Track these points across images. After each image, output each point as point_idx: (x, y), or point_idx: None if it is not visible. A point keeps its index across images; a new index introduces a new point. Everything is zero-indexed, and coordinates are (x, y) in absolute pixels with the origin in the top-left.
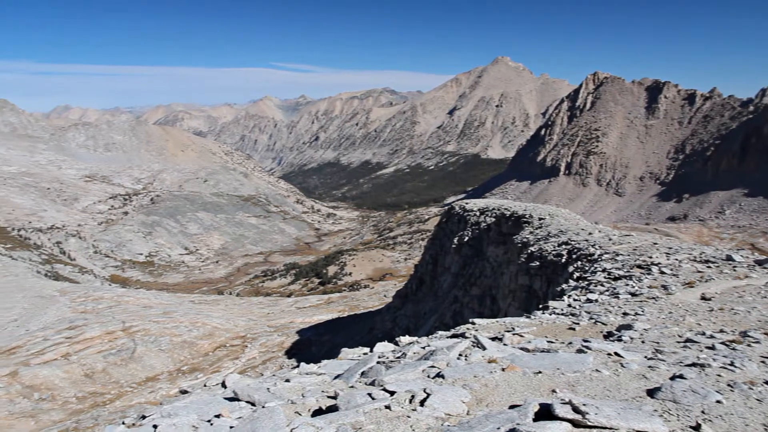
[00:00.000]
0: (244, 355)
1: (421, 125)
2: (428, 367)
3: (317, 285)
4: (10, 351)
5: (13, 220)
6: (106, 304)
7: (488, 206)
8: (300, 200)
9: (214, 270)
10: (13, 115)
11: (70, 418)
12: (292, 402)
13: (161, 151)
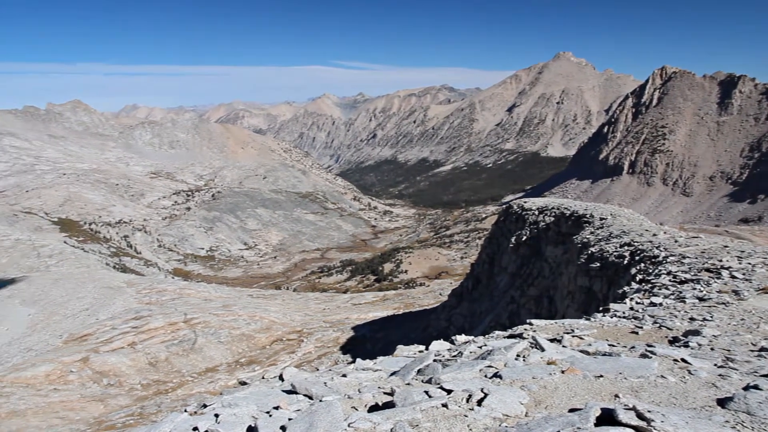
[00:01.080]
0: (300, 349)
1: (480, 123)
2: (485, 367)
3: (373, 282)
4: (82, 338)
5: (85, 214)
6: (169, 296)
7: (547, 205)
8: (357, 197)
9: (272, 265)
10: (86, 115)
11: (135, 404)
12: (349, 397)
13: (222, 149)
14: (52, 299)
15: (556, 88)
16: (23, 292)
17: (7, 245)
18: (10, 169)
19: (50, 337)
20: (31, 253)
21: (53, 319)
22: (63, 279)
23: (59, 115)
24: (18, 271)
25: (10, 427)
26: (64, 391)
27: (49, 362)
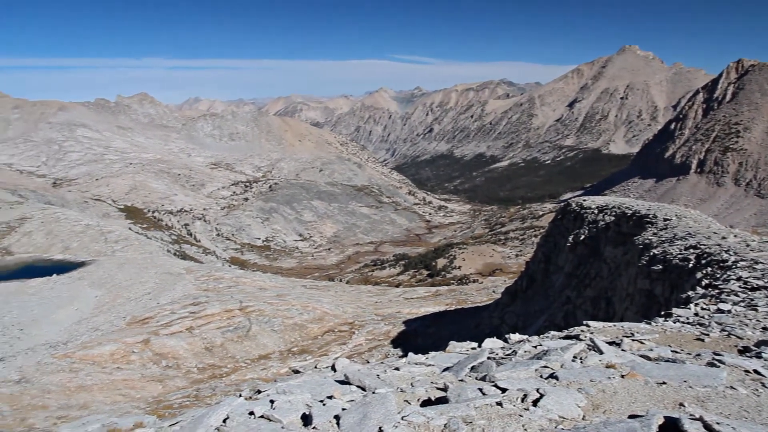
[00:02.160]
0: (351, 341)
1: (539, 118)
2: (541, 367)
3: (425, 277)
4: (143, 321)
5: (149, 202)
6: (225, 284)
7: (608, 204)
8: (412, 192)
9: (326, 257)
10: (152, 107)
11: (191, 386)
12: (402, 390)
13: (280, 141)
14: (117, 282)
15: (621, 83)
16: (92, 275)
17: (78, 230)
18: (82, 158)
19: (115, 318)
20: (100, 238)
21: (118, 302)
22: (127, 264)
23: (127, 107)
24: (87, 255)
25: (78, 400)
26: (126, 370)
27: (114, 342)
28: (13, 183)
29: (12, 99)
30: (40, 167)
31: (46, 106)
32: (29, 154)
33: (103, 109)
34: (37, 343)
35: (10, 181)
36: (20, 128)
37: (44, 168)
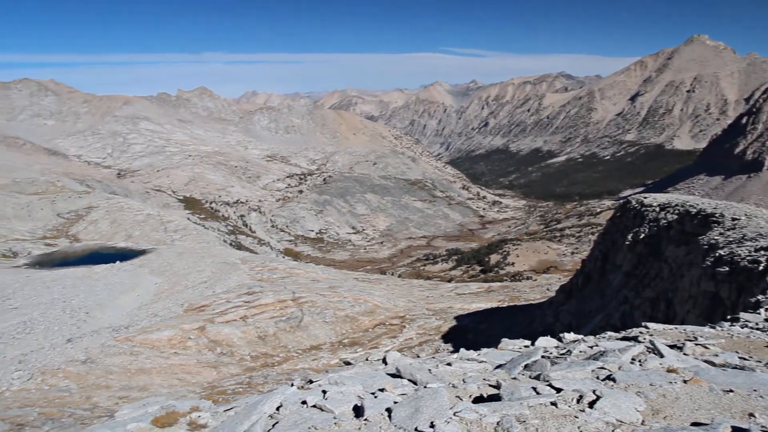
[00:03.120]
0: (402, 335)
1: (599, 112)
2: (598, 368)
3: (478, 272)
4: (199, 308)
5: (206, 193)
6: (279, 274)
7: (670, 202)
8: (466, 186)
9: (378, 250)
10: (211, 101)
11: (244, 374)
12: (453, 386)
13: (335, 134)
14: (175, 271)
15: (688, 75)
16: (152, 263)
17: (140, 219)
18: (144, 150)
19: (173, 305)
20: (160, 227)
21: (176, 289)
22: (185, 253)
23: (187, 101)
24: (148, 244)
25: (138, 382)
26: (183, 356)
27: (172, 328)
28: (82, 173)
29: (82, 94)
30: (106, 159)
31: (112, 100)
32: (96, 146)
33: (164, 102)
34: (102, 326)
35: (78, 171)
36: (88, 121)
37: (110, 159)
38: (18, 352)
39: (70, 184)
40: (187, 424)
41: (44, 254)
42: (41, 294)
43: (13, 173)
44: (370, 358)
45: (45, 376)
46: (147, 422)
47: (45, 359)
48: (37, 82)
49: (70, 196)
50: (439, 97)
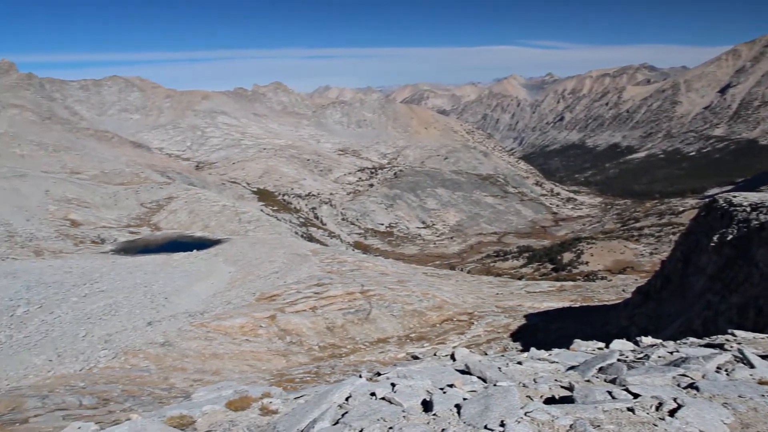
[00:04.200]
0: (470, 331)
1: (684, 105)
2: (679, 375)
3: (550, 271)
4: (270, 297)
5: (279, 186)
6: (348, 267)
7: (763, 201)
8: (539, 182)
9: (447, 245)
10: (285, 95)
11: (312, 363)
12: (524, 385)
13: (406, 128)
14: (248, 260)
15: None
16: (226, 252)
17: (215, 210)
18: (221, 143)
19: (245, 293)
20: (234, 218)
21: (248, 278)
22: (258, 243)
23: (262, 96)
24: (223, 233)
25: (211, 366)
26: (254, 343)
27: (244, 316)
28: (163, 165)
29: (164, 89)
30: (186, 151)
31: (192, 95)
32: (177, 139)
33: (241, 97)
34: (179, 312)
35: (160, 163)
36: (170, 116)
37: (189, 152)
38: (104, 332)
39: (153, 175)
40: (259, 409)
41: (128, 241)
42: (125, 279)
43: (102, 164)
44: (438, 353)
45: (127, 356)
46: (221, 405)
47: (128, 340)
48: (125, 79)
49: (152, 187)
50: (513, 90)
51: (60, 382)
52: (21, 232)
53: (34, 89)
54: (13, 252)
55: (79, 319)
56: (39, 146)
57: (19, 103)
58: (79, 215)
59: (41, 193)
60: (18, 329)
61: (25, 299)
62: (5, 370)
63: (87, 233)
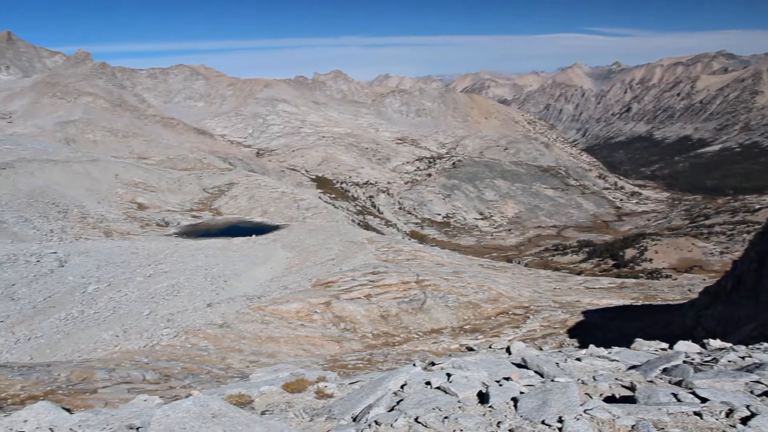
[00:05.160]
0: (525, 325)
1: (765, 96)
2: (752, 382)
3: (611, 267)
4: (326, 284)
5: (338, 174)
6: (404, 256)
7: None
8: (602, 175)
9: (505, 237)
10: (345, 84)
11: (365, 350)
12: (583, 382)
13: (466, 118)
14: (305, 247)
15: None
16: (284, 238)
17: (275, 197)
18: (282, 131)
19: (302, 279)
20: (293, 205)
21: (305, 264)
22: (316, 230)
23: (322, 84)
24: (282, 220)
25: (267, 349)
26: (309, 328)
27: (300, 301)
28: (225, 152)
29: (228, 77)
30: (247, 138)
31: (254, 83)
32: (238, 126)
33: (301, 85)
34: (237, 294)
35: (222, 150)
36: (233, 103)
37: (250, 139)
38: (167, 311)
39: (215, 161)
40: (315, 392)
41: (191, 225)
42: (187, 261)
43: (168, 150)
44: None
45: (188, 335)
46: (278, 386)
47: (188, 320)
48: (190, 67)
49: (214, 173)
50: (577, 80)
51: (125, 356)
52: (93, 214)
53: (107, 78)
54: (86, 232)
55: (144, 298)
56: (110, 132)
57: (93, 91)
58: (146, 199)
59: (111, 176)
60: (89, 305)
61: (95, 277)
62: (77, 343)
63: (152, 216)
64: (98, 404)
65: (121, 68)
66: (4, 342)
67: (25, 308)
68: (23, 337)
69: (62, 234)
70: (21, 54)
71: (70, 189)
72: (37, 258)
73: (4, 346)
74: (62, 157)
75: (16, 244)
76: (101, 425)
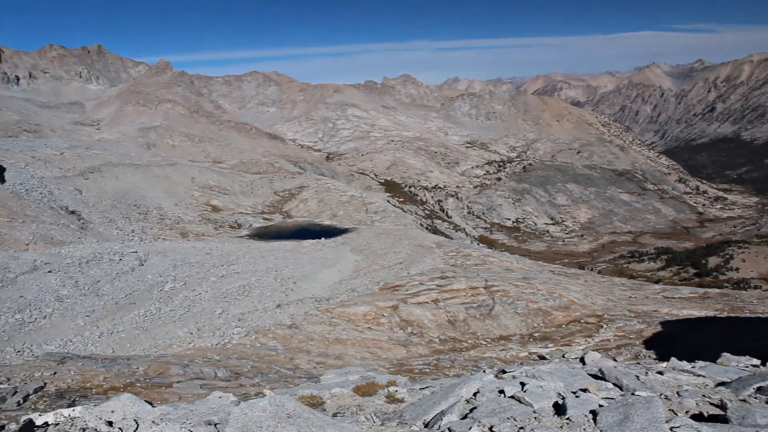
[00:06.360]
0: (598, 335)
1: None
2: None
3: (692, 276)
4: (394, 288)
5: (406, 177)
6: (472, 261)
7: None
8: (683, 179)
9: (577, 243)
10: (414, 88)
11: (432, 355)
12: (666, 398)
13: (537, 121)
14: (373, 250)
15: None
16: (353, 241)
17: (344, 200)
18: (351, 135)
19: (369, 282)
20: (361, 208)
21: (373, 268)
22: (384, 234)
23: (391, 88)
24: (350, 223)
25: (334, 351)
26: (375, 331)
27: (367, 304)
28: (296, 156)
29: (298, 83)
30: (317, 143)
31: (324, 88)
32: (309, 130)
33: (370, 90)
34: (306, 296)
35: (293, 154)
36: (303, 108)
37: (320, 143)
38: (238, 311)
39: (286, 165)
40: (386, 396)
41: (262, 227)
42: (258, 262)
43: (241, 155)
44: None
45: (258, 335)
46: (349, 389)
47: (258, 320)
48: (263, 74)
49: (285, 176)
50: (655, 79)
51: (199, 353)
52: (170, 215)
53: (185, 85)
54: (164, 233)
55: (217, 298)
56: (187, 137)
57: (172, 98)
58: (220, 201)
59: (188, 180)
60: (165, 303)
61: (172, 276)
62: (154, 339)
63: (226, 218)
64: (173, 398)
65: (198, 76)
66: (90, 335)
67: (108, 304)
68: (106, 331)
69: (142, 234)
70: (109, 65)
71: (150, 191)
72: (119, 257)
73: (90, 339)
74: (143, 161)
75: (101, 244)
76: (181, 420)
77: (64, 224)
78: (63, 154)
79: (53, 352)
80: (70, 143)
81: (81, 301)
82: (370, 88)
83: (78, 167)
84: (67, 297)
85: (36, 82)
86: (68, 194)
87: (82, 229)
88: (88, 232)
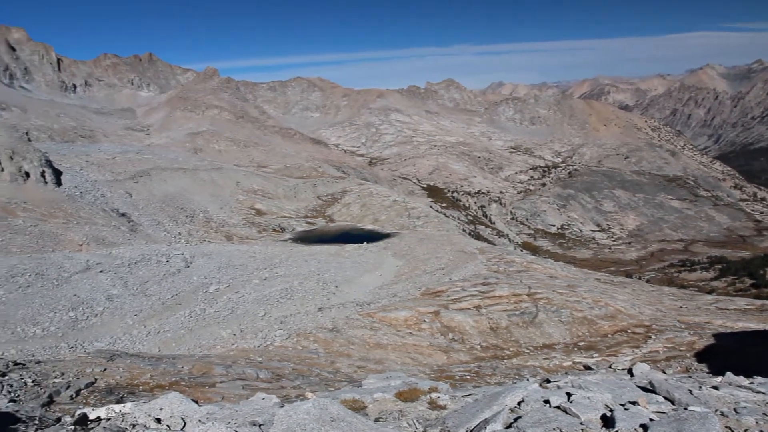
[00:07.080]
0: (646, 346)
1: None
2: None
3: (748, 286)
4: (435, 293)
5: (449, 183)
6: (516, 267)
7: None
8: (739, 185)
9: (624, 251)
10: (457, 92)
11: (473, 362)
12: (723, 414)
13: (583, 126)
14: (415, 255)
15: None
16: (395, 246)
17: (386, 205)
18: (394, 140)
19: (411, 288)
20: (404, 213)
21: (415, 273)
22: (426, 239)
23: (434, 93)
24: (392, 228)
25: (375, 355)
26: (417, 336)
27: (408, 309)
28: (339, 160)
29: (342, 89)
30: (360, 147)
31: (368, 94)
32: (352, 135)
33: (413, 95)
34: (347, 300)
35: (337, 158)
36: (347, 113)
37: (363, 148)
38: (281, 313)
39: (329, 170)
40: (428, 403)
41: (305, 231)
42: (300, 266)
43: (285, 159)
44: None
45: (299, 338)
46: (391, 394)
47: (300, 323)
48: (307, 80)
49: (328, 181)
50: (709, 82)
51: (241, 354)
52: (216, 218)
53: (231, 91)
54: (209, 236)
55: (260, 300)
56: (233, 142)
57: (219, 104)
58: (264, 205)
59: (233, 184)
60: (210, 304)
61: (216, 278)
62: (199, 339)
63: (269, 222)
64: (216, 398)
65: (244, 82)
66: (137, 334)
67: (156, 304)
68: (153, 331)
69: (189, 237)
70: (159, 72)
71: (196, 195)
72: (167, 258)
73: (137, 338)
74: (190, 165)
75: (150, 245)
76: (226, 419)
77: (115, 226)
78: (115, 159)
79: (103, 349)
80: (122, 148)
81: (130, 300)
82: (414, 92)
83: (128, 171)
84: (117, 296)
85: (91, 90)
86: (119, 197)
87: (132, 231)
88: (138, 234)
